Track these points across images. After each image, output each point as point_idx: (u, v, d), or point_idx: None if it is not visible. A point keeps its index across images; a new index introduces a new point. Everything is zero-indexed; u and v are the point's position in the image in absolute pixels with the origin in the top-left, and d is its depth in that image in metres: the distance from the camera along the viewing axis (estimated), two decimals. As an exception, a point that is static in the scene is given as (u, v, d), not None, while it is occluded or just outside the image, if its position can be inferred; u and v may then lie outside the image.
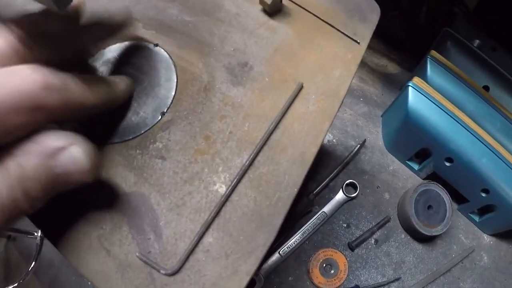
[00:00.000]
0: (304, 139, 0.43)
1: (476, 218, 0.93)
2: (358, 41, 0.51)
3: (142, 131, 0.43)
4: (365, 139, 0.94)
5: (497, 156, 0.81)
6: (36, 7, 0.34)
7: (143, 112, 0.44)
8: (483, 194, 0.85)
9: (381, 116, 0.99)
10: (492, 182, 0.82)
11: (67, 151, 0.29)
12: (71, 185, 0.31)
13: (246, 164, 0.40)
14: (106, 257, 0.38)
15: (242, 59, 0.47)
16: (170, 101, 0.44)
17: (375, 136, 0.96)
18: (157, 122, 0.43)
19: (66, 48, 0.35)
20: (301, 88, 0.45)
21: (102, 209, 0.39)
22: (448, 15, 0.97)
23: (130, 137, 0.42)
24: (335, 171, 0.88)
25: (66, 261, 1.35)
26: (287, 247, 0.82)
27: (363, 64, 1.05)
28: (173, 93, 0.45)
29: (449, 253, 0.90)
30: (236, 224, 0.38)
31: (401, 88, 0.92)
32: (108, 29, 0.40)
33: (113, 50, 0.48)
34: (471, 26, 0.96)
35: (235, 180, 0.39)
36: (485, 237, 0.94)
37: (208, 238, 0.38)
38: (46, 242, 0.93)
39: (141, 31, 0.50)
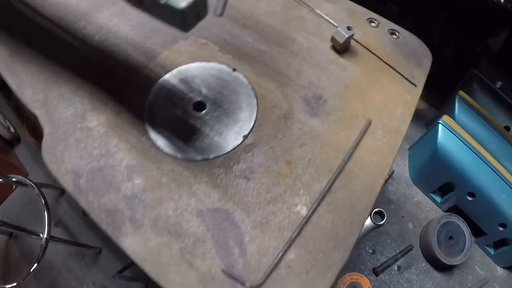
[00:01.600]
0: (374, 170, 0.47)
1: (491, 251, 0.97)
2: (415, 84, 0.56)
3: (226, 152, 0.46)
4: (394, 171, 0.98)
5: (517, 193, 0.86)
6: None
7: (225, 134, 0.47)
8: (501, 228, 0.89)
9: (408, 149, 1.04)
10: (510, 217, 0.86)
11: None
12: None
13: (325, 189, 0.44)
14: (188, 269, 0.41)
15: (317, 92, 0.52)
16: (252, 125, 0.48)
17: (402, 168, 1.01)
18: (240, 144, 0.47)
19: None
20: (369, 124, 0.50)
21: (184, 222, 0.42)
22: (473, 55, 1.03)
23: (213, 156, 0.46)
24: (363, 197, 0.93)
25: (68, 265, 1.33)
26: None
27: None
28: (254, 118, 0.49)
29: (465, 283, 0.94)
30: (316, 243, 0.42)
31: (427, 124, 0.97)
32: None
33: (194, 69, 0.52)
34: (494, 67, 1.03)
35: (316, 203, 0.43)
36: (499, 269, 0.98)
37: (290, 255, 0.41)
38: (49, 243, 0.93)
39: (218, 55, 0.54)
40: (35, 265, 0.90)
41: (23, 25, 0.55)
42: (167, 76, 0.51)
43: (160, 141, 0.46)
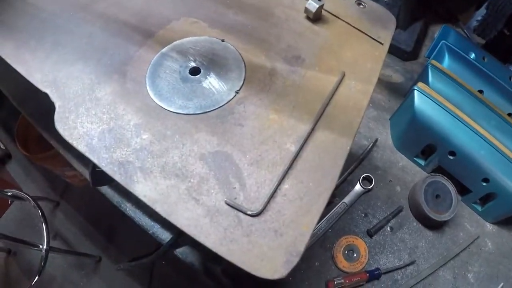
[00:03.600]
0: (350, 112, 0.53)
1: (479, 208, 1.03)
2: (382, 42, 0.63)
3: (221, 105, 0.53)
4: (377, 139, 1.05)
5: (494, 148, 0.93)
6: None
7: (219, 91, 0.54)
8: (484, 183, 0.96)
9: (389, 119, 1.12)
10: (491, 171, 0.93)
11: None
12: None
13: (309, 129, 0.50)
14: (195, 205, 0.46)
15: (295, 53, 0.59)
16: (242, 82, 0.55)
17: (385, 136, 1.08)
18: (232, 98, 0.53)
19: None
20: (343, 75, 0.57)
21: (189, 165, 0.48)
22: (444, 29, 1.12)
23: (210, 110, 0.53)
24: (352, 166, 0.99)
25: (68, 277, 1.35)
26: (312, 235, 0.90)
27: (371, 73, 1.19)
28: (243, 76, 0.56)
29: (456, 240, 0.99)
30: (305, 173, 0.48)
31: (405, 95, 1.04)
32: None
33: (187, 42, 0.59)
34: (466, 38, 1.12)
35: (303, 140, 0.49)
36: (488, 225, 1.04)
37: (285, 185, 0.47)
38: (48, 256, 0.93)
39: (208, 30, 0.61)
40: (36, 277, 0.92)
41: (26, 21, 0.61)
42: (164, 50, 0.58)
43: (163, 103, 0.53)
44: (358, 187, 0.97)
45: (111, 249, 1.55)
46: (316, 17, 0.63)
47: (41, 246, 0.99)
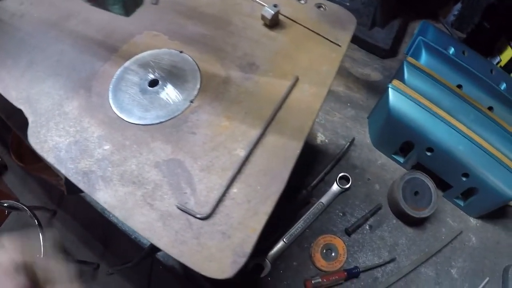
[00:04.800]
0: (302, 115, 0.55)
1: (461, 203, 1.03)
2: (340, 44, 0.65)
3: (176, 115, 0.55)
4: (354, 138, 1.06)
5: (473, 143, 0.93)
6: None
7: (175, 100, 0.57)
8: (464, 178, 0.96)
9: (367, 118, 1.12)
10: (470, 166, 0.93)
11: None
12: None
13: (259, 134, 0.52)
14: (150, 210, 0.49)
15: (250, 60, 0.61)
16: (197, 92, 0.57)
17: (363, 135, 1.09)
18: (187, 107, 0.56)
19: None
20: (297, 79, 0.59)
21: (145, 173, 0.51)
22: (423, 25, 1.12)
23: (166, 119, 0.55)
24: (329, 166, 1.00)
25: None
26: (290, 235, 0.92)
27: (348, 73, 1.19)
28: (198, 86, 0.58)
29: (439, 236, 1.00)
30: (254, 177, 0.50)
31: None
32: None
33: (148, 56, 0.62)
34: (445, 33, 1.12)
35: (252, 145, 0.51)
36: (472, 220, 1.04)
37: (233, 189, 0.50)
38: None
39: (168, 42, 0.64)
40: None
41: (4, 40, 0.65)
42: (127, 64, 0.60)
43: (123, 114, 0.55)
44: (335, 187, 0.98)
45: (108, 256, 1.58)
46: (273, 23, 0.65)
47: (38, 256, 1.02)
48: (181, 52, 0.62)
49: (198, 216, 0.48)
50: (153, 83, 0.59)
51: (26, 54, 0.63)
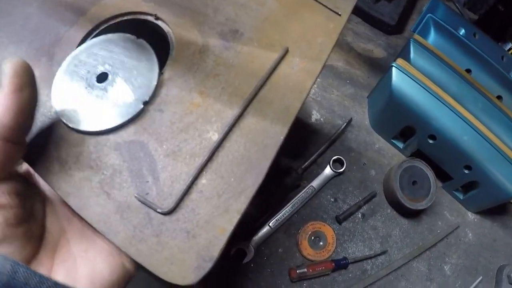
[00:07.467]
0: (289, 94, 0.47)
1: (460, 196, 0.97)
2: (340, 13, 0.55)
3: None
4: (351, 118, 0.98)
5: (479, 134, 0.85)
6: None
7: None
8: (466, 171, 0.89)
9: (367, 97, 1.04)
10: (474, 158, 0.86)
11: None
12: None
13: (237, 114, 0.44)
14: (106, 200, 0.42)
15: (233, 27, 0.51)
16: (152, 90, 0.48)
17: (362, 116, 1.01)
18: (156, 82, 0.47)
19: None
20: (286, 51, 0.50)
21: (103, 156, 0.43)
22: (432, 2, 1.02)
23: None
24: (323, 147, 0.93)
25: None
26: (276, 220, 0.86)
27: (349, 48, 1.09)
28: (169, 56, 0.49)
29: (434, 229, 0.94)
30: (227, 167, 0.42)
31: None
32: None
33: (99, 42, 0.52)
34: (456, 13, 1.02)
35: (227, 128, 0.43)
36: (470, 214, 0.98)
37: (202, 180, 0.42)
38: None
39: (142, 4, 0.54)
40: None
41: None
42: (75, 52, 0.50)
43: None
44: (328, 170, 0.91)
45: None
46: (263, -16, 0.55)
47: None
48: (156, 17, 0.52)
49: (159, 210, 0.41)
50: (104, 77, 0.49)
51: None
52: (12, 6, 0.55)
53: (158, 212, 0.41)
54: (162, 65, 0.49)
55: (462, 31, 1.02)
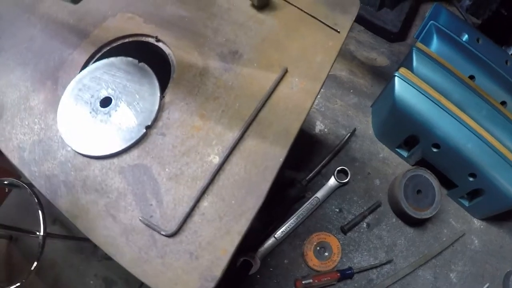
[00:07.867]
0: (289, 116, 0.48)
1: (466, 203, 0.96)
2: (339, 30, 0.56)
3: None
4: (355, 128, 0.98)
5: (483, 141, 0.85)
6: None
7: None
8: (471, 179, 0.88)
9: (371, 106, 1.04)
10: (479, 166, 0.85)
11: None
12: None
13: (237, 137, 0.45)
14: (112, 223, 0.43)
15: (232, 48, 0.53)
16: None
17: (365, 125, 1.01)
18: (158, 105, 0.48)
19: None
20: (285, 72, 0.50)
21: (108, 179, 0.45)
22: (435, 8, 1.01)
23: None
24: (327, 158, 0.93)
25: (69, 261, 1.38)
26: (282, 231, 0.86)
27: (352, 57, 1.10)
28: (170, 79, 0.50)
29: (440, 237, 0.94)
30: (228, 190, 0.43)
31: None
32: None
33: (101, 66, 0.53)
34: (460, 21, 1.01)
35: (228, 151, 0.44)
36: (476, 221, 0.97)
37: (204, 203, 0.43)
38: (48, 241, 0.96)
39: (143, 26, 0.56)
40: (35, 263, 0.93)
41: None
42: (79, 76, 0.52)
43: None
44: (332, 181, 0.92)
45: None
46: (262, 3, 0.56)
47: (37, 233, 1.00)
48: (156, 39, 0.54)
49: (163, 233, 0.42)
50: (106, 101, 0.51)
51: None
52: (17, 28, 0.57)
53: (162, 235, 0.42)
54: (163, 86, 0.51)
55: (465, 37, 1.01)
